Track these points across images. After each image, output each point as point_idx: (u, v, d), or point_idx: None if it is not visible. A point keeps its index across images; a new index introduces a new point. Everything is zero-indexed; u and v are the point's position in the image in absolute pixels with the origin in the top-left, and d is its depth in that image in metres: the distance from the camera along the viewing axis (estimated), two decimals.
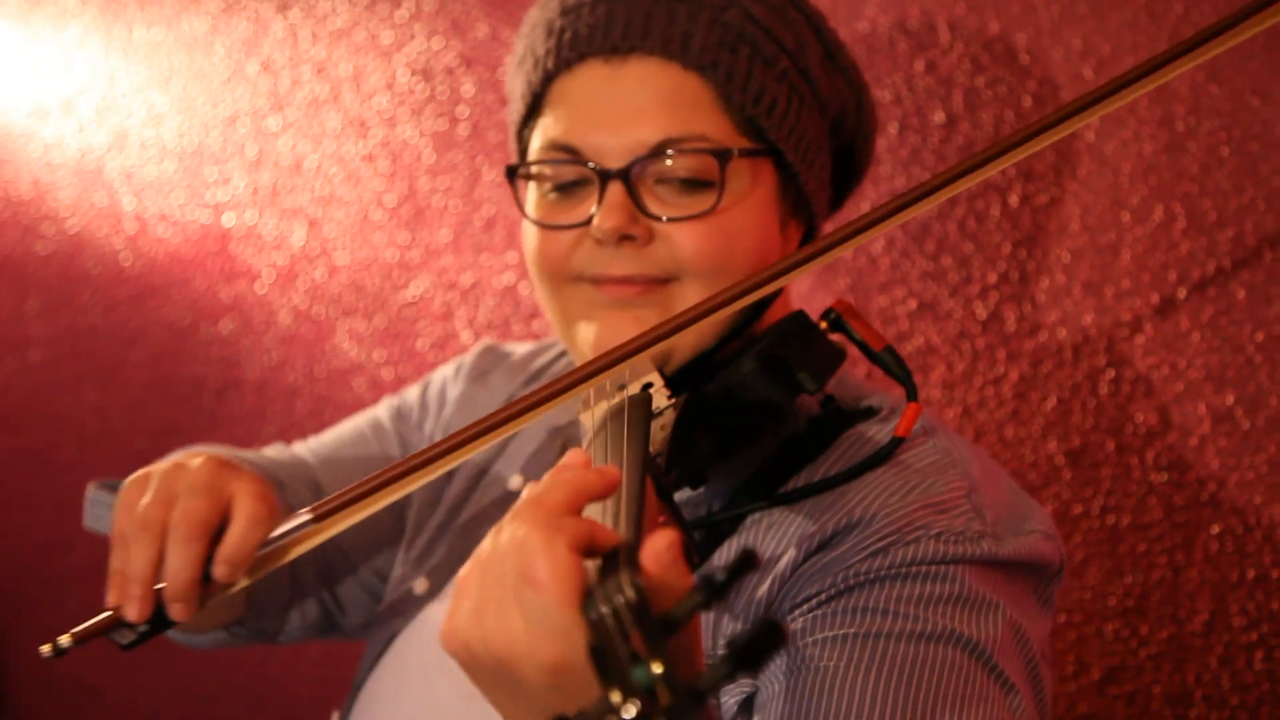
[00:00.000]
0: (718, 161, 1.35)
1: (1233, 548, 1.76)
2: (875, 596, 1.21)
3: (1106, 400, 1.81)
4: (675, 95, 1.36)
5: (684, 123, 1.35)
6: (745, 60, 1.37)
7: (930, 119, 1.87)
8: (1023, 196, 1.84)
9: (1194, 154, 1.76)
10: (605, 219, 1.34)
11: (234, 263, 2.29)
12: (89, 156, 2.36)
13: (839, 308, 1.34)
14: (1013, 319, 1.85)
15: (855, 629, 1.20)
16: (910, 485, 1.28)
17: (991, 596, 1.23)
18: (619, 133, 1.35)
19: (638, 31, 1.36)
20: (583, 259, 1.38)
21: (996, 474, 1.37)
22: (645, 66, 1.36)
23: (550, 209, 1.41)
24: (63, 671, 2.44)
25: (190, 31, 2.30)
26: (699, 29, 1.36)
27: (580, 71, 1.39)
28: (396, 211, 2.20)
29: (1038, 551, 1.29)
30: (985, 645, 1.20)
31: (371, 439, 1.69)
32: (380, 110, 2.19)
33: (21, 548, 2.46)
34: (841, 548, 1.25)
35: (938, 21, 1.86)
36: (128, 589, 1.25)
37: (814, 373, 1.29)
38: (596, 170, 1.36)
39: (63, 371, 2.42)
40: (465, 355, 1.74)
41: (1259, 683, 1.75)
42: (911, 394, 1.30)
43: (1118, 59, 1.78)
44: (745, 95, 1.37)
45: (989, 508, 1.29)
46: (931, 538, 1.23)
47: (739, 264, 1.36)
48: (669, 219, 1.35)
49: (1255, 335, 1.75)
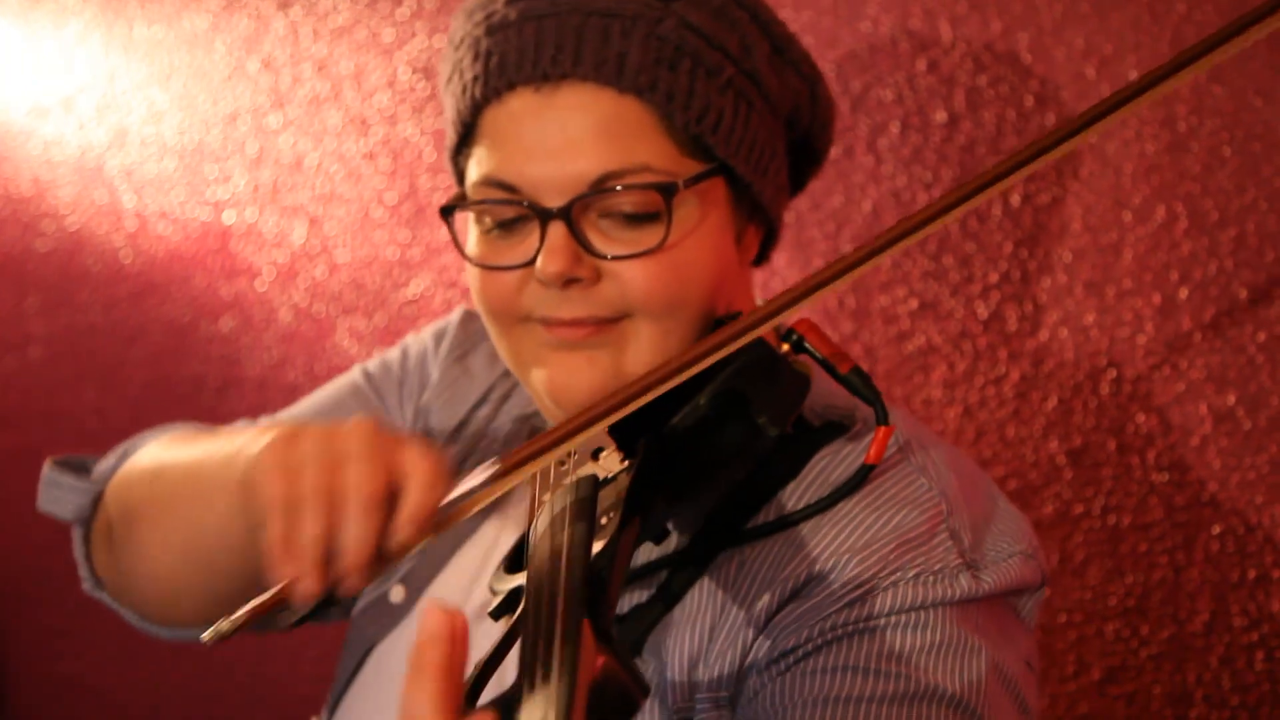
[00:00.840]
0: (662, 196, 1.27)
1: (1234, 548, 1.76)
2: (853, 654, 1.17)
3: (1108, 400, 1.81)
4: (613, 123, 1.27)
5: (624, 153, 1.27)
6: (686, 76, 1.29)
7: (932, 118, 1.87)
8: (1024, 196, 1.84)
9: (1196, 154, 1.76)
10: (548, 263, 1.26)
11: (234, 260, 2.29)
12: (89, 154, 2.36)
13: (800, 328, 1.28)
14: (1014, 318, 1.85)
15: (834, 692, 1.16)
16: (884, 520, 1.23)
17: (972, 639, 1.20)
18: (556, 168, 1.27)
19: (569, 56, 1.28)
20: (530, 300, 1.31)
21: (977, 484, 1.33)
22: (579, 94, 1.28)
23: (492, 248, 1.32)
24: (62, 670, 2.44)
25: (191, 29, 2.29)
26: (633, 48, 1.28)
27: (510, 100, 1.30)
28: (397, 209, 2.19)
29: (1018, 578, 1.26)
30: (969, 699, 1.17)
31: (351, 403, 1.61)
32: (381, 108, 2.19)
33: (21, 546, 2.46)
34: (816, 597, 1.21)
35: (940, 21, 1.86)
36: (303, 561, 1.07)
37: (774, 415, 1.22)
38: (535, 209, 1.28)
39: (62, 369, 2.42)
40: (448, 321, 1.68)
41: (1259, 683, 1.75)
42: (881, 418, 1.24)
43: (1120, 58, 1.78)
44: (688, 114, 1.29)
45: (969, 529, 1.25)
46: (909, 581, 1.20)
47: (692, 296, 1.30)
48: (614, 257, 1.28)
49: (1257, 335, 1.74)
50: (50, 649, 2.44)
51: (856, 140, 1.89)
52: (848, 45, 1.90)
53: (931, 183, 1.87)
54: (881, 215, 1.89)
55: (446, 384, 1.60)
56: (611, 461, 1.21)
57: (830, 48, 1.89)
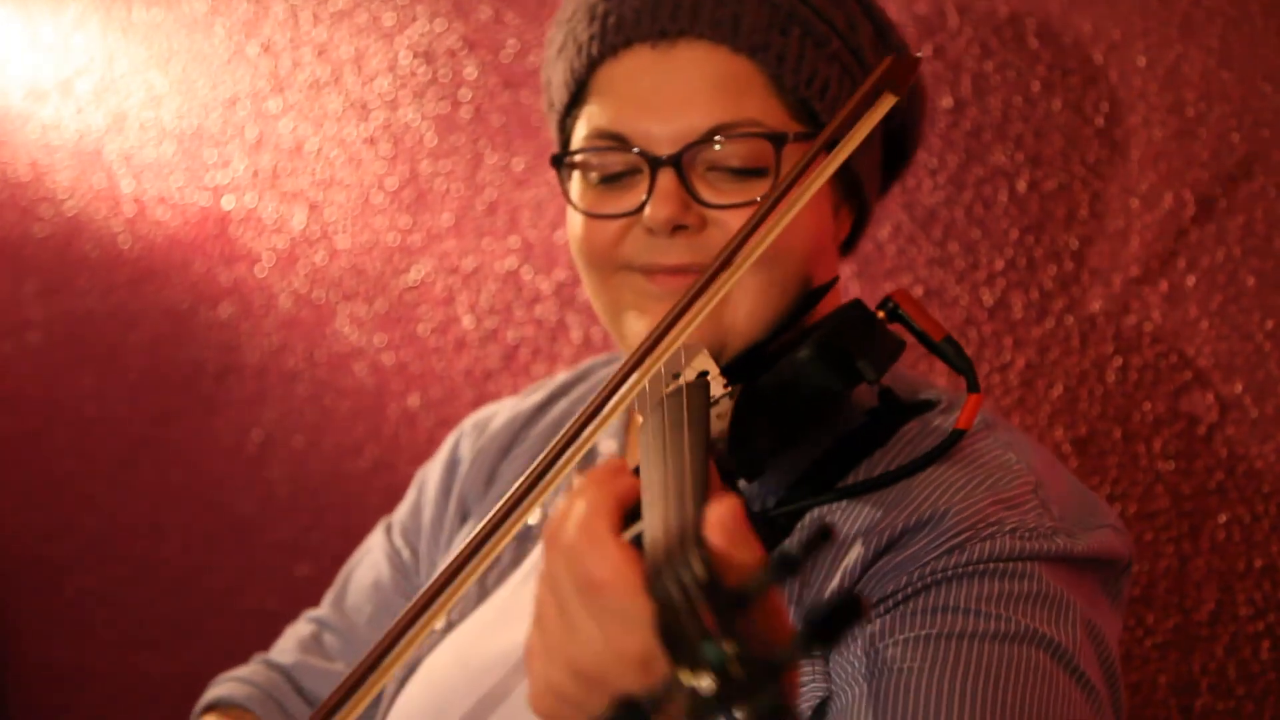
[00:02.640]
0: (772, 146, 1.31)
1: (1240, 537, 1.75)
2: (954, 595, 1.18)
3: (1114, 388, 1.80)
4: (726, 79, 1.32)
5: (735, 108, 1.31)
6: (796, 41, 1.34)
7: (938, 103, 1.86)
8: (1030, 182, 1.83)
9: (1204, 140, 1.75)
10: (659, 208, 1.31)
11: (234, 246, 2.28)
12: (87, 138, 2.35)
13: (897, 297, 1.30)
14: (1020, 306, 1.84)
15: (936, 629, 1.17)
16: (977, 480, 1.24)
17: (1067, 595, 1.21)
18: (669, 119, 1.32)
19: (686, 14, 1.33)
20: (632, 248, 1.35)
21: (1058, 468, 1.34)
22: (694, 50, 1.33)
23: (597, 197, 1.37)
24: (61, 658, 2.43)
25: (190, 12, 2.28)
26: (748, 10, 1.33)
27: (627, 57, 1.35)
28: (398, 195, 2.18)
29: (1109, 546, 1.27)
30: (1066, 646, 1.18)
31: (378, 592, 1.65)
32: (382, 93, 2.18)
33: (18, 532, 2.45)
34: (914, 546, 1.22)
35: (946, 5, 1.85)
36: None
37: (873, 362, 1.24)
38: (647, 157, 1.32)
39: (60, 355, 2.41)
40: (460, 429, 1.70)
41: (1265, 672, 1.75)
42: (973, 385, 1.26)
43: (1128, 43, 1.77)
44: (797, 77, 1.34)
45: (1055, 502, 1.26)
46: (1006, 533, 1.20)
47: (794, 252, 1.33)
48: (722, 205, 1.31)
49: (1264, 323, 1.74)
50: (52, 635, 2.44)
51: None
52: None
53: (937, 169, 1.86)
54: (886, 201, 1.88)
55: (477, 456, 1.63)
56: (715, 386, 1.23)
57: None
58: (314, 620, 1.68)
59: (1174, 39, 1.76)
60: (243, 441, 2.30)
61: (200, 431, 2.32)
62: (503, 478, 1.59)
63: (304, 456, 2.27)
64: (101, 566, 2.41)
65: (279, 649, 1.67)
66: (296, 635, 1.66)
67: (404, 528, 1.69)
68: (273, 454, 2.28)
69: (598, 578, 0.90)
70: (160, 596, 2.38)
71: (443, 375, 2.17)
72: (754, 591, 0.83)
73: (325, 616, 1.67)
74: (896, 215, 1.88)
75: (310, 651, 1.63)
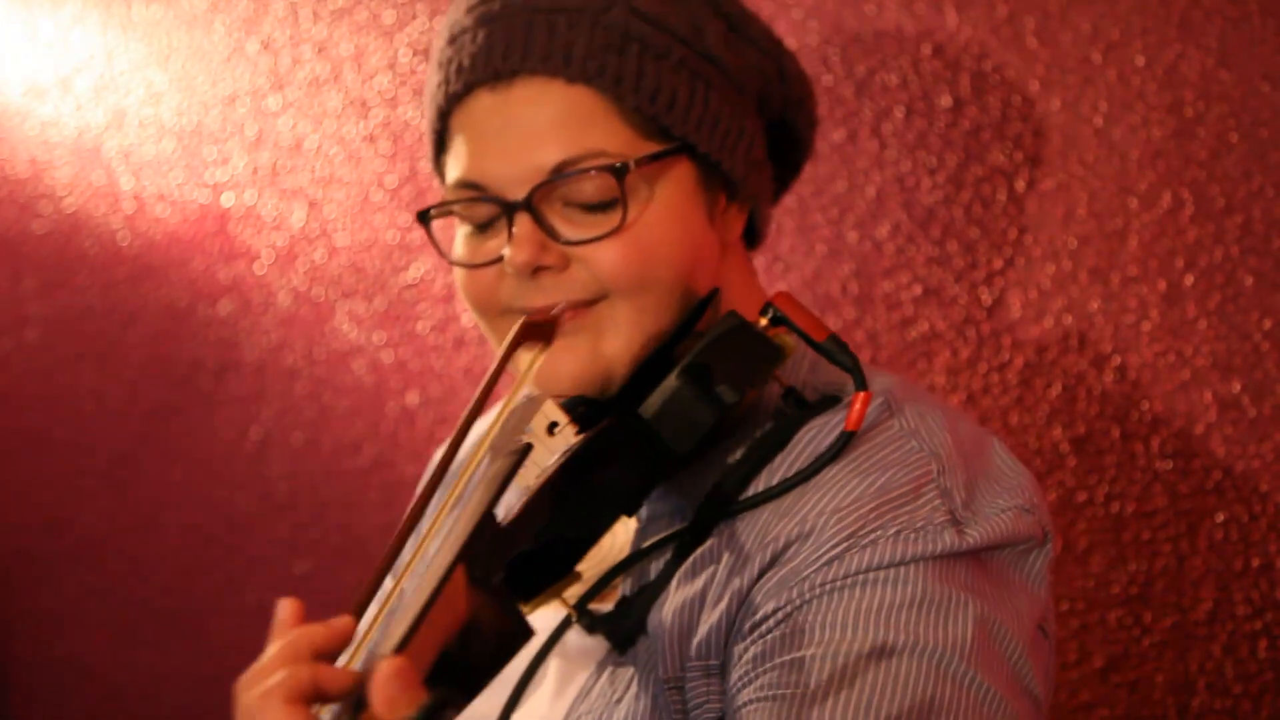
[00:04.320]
0: (614, 178, 1.30)
1: (1237, 536, 1.76)
2: (831, 610, 1.18)
3: (1111, 387, 1.80)
4: (566, 113, 1.31)
5: (578, 141, 1.31)
6: (635, 59, 1.32)
7: (937, 103, 1.86)
8: (1029, 182, 1.83)
9: (1203, 140, 1.75)
10: (516, 254, 1.31)
11: (233, 243, 2.28)
12: (86, 135, 2.35)
13: (777, 300, 1.29)
14: (1018, 305, 1.84)
15: (812, 650, 1.16)
16: (868, 482, 1.24)
17: (957, 594, 1.19)
18: (514, 161, 1.31)
19: (518, 53, 1.32)
20: (507, 293, 1.35)
21: (975, 441, 1.32)
22: (530, 88, 1.32)
23: (471, 247, 1.37)
24: (60, 653, 2.43)
25: (190, 9, 2.28)
26: (580, 38, 1.32)
27: (470, 103, 1.35)
28: (397, 193, 2.18)
29: (1010, 531, 1.25)
30: (950, 653, 1.16)
31: None
32: (382, 90, 2.18)
33: (17, 529, 2.45)
34: (795, 560, 1.21)
35: (945, 4, 1.85)
36: None
37: (734, 383, 1.23)
38: (500, 203, 1.32)
39: (59, 351, 2.41)
40: None
41: (1262, 671, 1.75)
42: (859, 384, 1.25)
43: (1127, 43, 1.77)
44: (639, 96, 1.32)
45: (961, 487, 1.25)
46: (889, 538, 1.20)
47: (662, 273, 1.32)
48: (578, 241, 1.31)
49: (1263, 323, 1.74)
50: (50, 632, 2.44)
51: (860, 125, 1.89)
52: (852, 29, 1.89)
53: (936, 168, 1.86)
54: (885, 200, 1.88)
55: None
56: (566, 434, 1.23)
57: (835, 32, 1.88)
58: None
59: (1173, 39, 1.76)
60: (241, 439, 2.30)
61: (199, 428, 2.32)
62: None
63: (303, 454, 2.27)
64: (100, 563, 2.41)
65: None
66: None
67: None
68: (272, 451, 2.29)
69: None
70: (159, 593, 2.38)
71: (442, 373, 2.17)
72: None
73: None
74: (895, 214, 1.88)
75: None
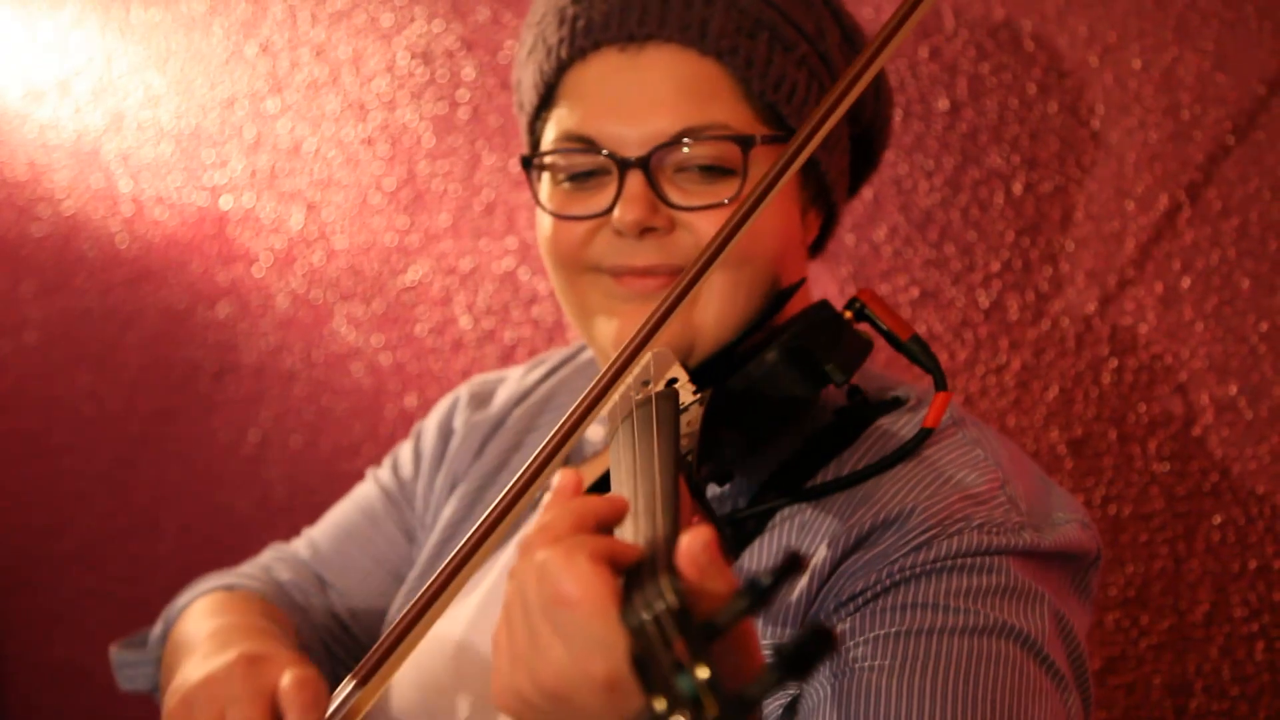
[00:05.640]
0: (740, 149, 1.32)
1: (1234, 538, 1.76)
2: (922, 592, 1.19)
3: (1109, 390, 1.80)
4: (693, 83, 1.33)
5: (703, 111, 1.32)
6: (764, 46, 1.35)
7: (934, 106, 1.86)
8: (1027, 184, 1.83)
9: (1200, 143, 1.75)
10: (627, 211, 1.32)
11: (231, 246, 2.28)
12: (85, 138, 2.35)
13: (863, 297, 1.31)
14: (1015, 307, 1.84)
15: (904, 626, 1.18)
16: (944, 478, 1.25)
17: (1036, 587, 1.22)
18: (637, 123, 1.33)
19: (654, 18, 1.34)
20: (600, 250, 1.36)
21: (1026, 464, 1.35)
22: (662, 54, 1.34)
23: (565, 199, 1.38)
24: (57, 655, 2.43)
25: (188, 12, 2.28)
26: (716, 14, 1.34)
27: (595, 60, 1.36)
28: (395, 195, 2.19)
29: (1076, 541, 1.28)
30: (1035, 637, 1.19)
31: (367, 525, 1.66)
32: (380, 93, 2.18)
33: (15, 531, 2.45)
34: (882, 544, 1.22)
35: (942, 7, 1.85)
36: None
37: (841, 364, 1.25)
38: (615, 159, 1.33)
39: (58, 354, 2.41)
40: (456, 393, 1.72)
41: (1259, 673, 1.75)
42: (940, 384, 1.27)
43: (1123, 46, 1.77)
44: (765, 82, 1.35)
45: (1023, 498, 1.27)
46: (974, 529, 1.21)
47: (762, 253, 1.34)
48: (691, 208, 1.33)
49: (1259, 325, 1.74)
50: (46, 633, 2.44)
51: None
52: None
53: (933, 170, 1.86)
54: (883, 203, 1.88)
55: (468, 431, 1.64)
56: (685, 393, 1.23)
57: None
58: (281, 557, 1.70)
59: (1169, 42, 1.76)
60: (240, 441, 2.30)
61: (198, 431, 2.32)
62: (489, 452, 1.60)
63: (301, 456, 2.27)
64: (99, 565, 2.41)
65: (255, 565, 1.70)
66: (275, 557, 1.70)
67: (398, 471, 1.70)
68: (270, 454, 2.29)
69: (569, 596, 0.90)
70: (157, 595, 2.37)
71: (440, 376, 2.17)
72: (726, 622, 0.83)
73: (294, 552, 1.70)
74: (893, 217, 1.89)
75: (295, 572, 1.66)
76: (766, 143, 1.34)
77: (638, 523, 0.98)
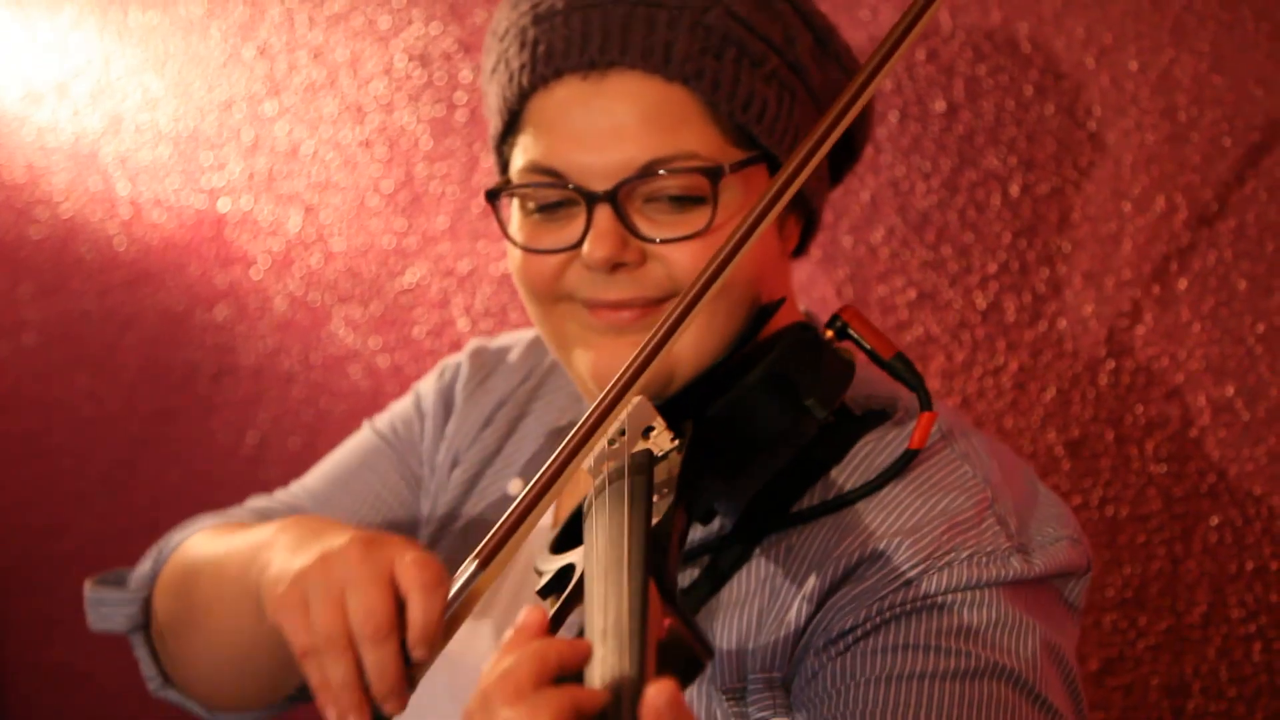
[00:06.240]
0: (709, 181, 1.29)
1: (1232, 539, 1.76)
2: (912, 632, 1.18)
3: (1106, 391, 1.80)
4: (659, 111, 1.29)
5: (671, 140, 1.29)
6: (731, 64, 1.31)
7: (931, 107, 1.86)
8: (1023, 186, 1.83)
9: (1196, 144, 1.75)
10: (596, 248, 1.29)
11: (229, 248, 2.28)
12: (83, 140, 2.35)
13: (845, 315, 1.29)
14: (1012, 309, 1.84)
15: (894, 670, 1.17)
16: (932, 504, 1.24)
17: (1025, 617, 1.21)
18: (603, 153, 1.29)
19: (616, 45, 1.29)
20: (573, 281, 1.33)
21: (1018, 474, 1.34)
22: (625, 82, 1.30)
23: (535, 230, 1.35)
24: (56, 658, 2.43)
25: (186, 15, 2.28)
26: (680, 37, 1.30)
27: (558, 88, 1.32)
28: (393, 198, 2.19)
29: (1066, 561, 1.27)
30: (1026, 674, 1.18)
31: (365, 472, 1.62)
32: (377, 96, 2.18)
33: (14, 533, 2.46)
34: (870, 579, 1.22)
35: (939, 9, 1.85)
36: (342, 702, 1.14)
37: (821, 397, 1.24)
38: (582, 193, 1.30)
39: (56, 356, 2.41)
40: (458, 357, 1.69)
41: (1257, 674, 1.75)
42: (925, 403, 1.26)
43: (1120, 48, 1.77)
44: (733, 103, 1.31)
45: (1013, 515, 1.27)
46: (962, 561, 1.21)
47: (738, 279, 1.30)
48: (662, 240, 1.30)
49: (1256, 326, 1.74)
50: (44, 637, 2.44)
51: None
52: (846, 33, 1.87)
53: (930, 172, 1.87)
54: (880, 205, 1.88)
55: (470, 407, 1.61)
56: (662, 440, 1.21)
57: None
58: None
59: (1166, 43, 1.76)
60: (239, 443, 2.30)
61: (196, 433, 2.32)
62: (487, 437, 1.58)
63: (300, 458, 2.27)
64: (98, 567, 2.40)
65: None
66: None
67: (398, 424, 1.66)
68: (268, 455, 2.29)
69: None
70: None
71: None
72: None
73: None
74: (890, 219, 1.89)
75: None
76: (736, 169, 1.31)
77: (606, 644, 0.96)
